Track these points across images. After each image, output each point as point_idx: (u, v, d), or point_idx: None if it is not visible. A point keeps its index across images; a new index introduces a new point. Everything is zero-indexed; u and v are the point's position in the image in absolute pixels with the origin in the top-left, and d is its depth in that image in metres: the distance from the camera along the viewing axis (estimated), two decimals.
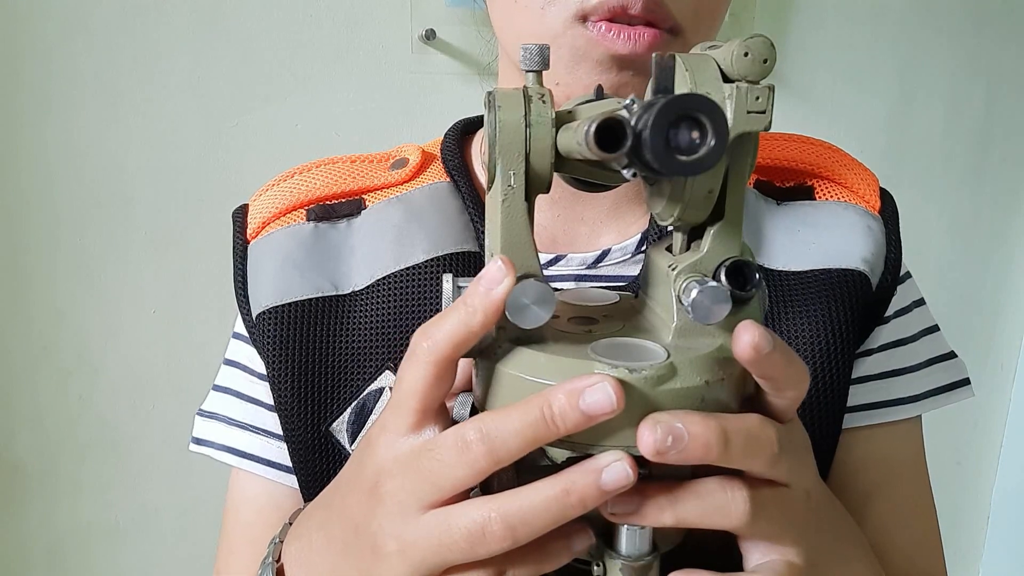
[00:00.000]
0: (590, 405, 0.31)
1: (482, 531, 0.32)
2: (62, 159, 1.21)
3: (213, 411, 0.61)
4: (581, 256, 0.57)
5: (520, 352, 0.34)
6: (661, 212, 0.36)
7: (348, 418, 0.54)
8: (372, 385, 0.54)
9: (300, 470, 0.56)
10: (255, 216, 0.59)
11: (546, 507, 0.32)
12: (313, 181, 0.59)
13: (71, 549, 1.34)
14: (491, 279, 0.33)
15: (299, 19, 1.24)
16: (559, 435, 0.31)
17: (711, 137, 0.26)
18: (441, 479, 0.33)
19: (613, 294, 0.42)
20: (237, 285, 0.58)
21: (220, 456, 0.59)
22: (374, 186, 0.59)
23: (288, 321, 0.55)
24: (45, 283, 1.24)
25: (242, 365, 0.60)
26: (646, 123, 0.25)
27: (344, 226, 0.58)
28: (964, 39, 1.57)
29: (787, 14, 1.47)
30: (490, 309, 0.33)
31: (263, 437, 0.59)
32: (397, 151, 0.63)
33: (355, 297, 0.55)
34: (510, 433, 0.32)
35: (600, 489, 0.31)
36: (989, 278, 1.74)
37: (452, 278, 0.36)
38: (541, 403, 0.31)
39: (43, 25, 1.16)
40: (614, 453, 0.32)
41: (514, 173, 0.34)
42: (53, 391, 1.28)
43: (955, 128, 1.62)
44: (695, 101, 0.26)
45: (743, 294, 0.34)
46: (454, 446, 0.33)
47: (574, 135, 0.30)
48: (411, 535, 0.34)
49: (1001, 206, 1.70)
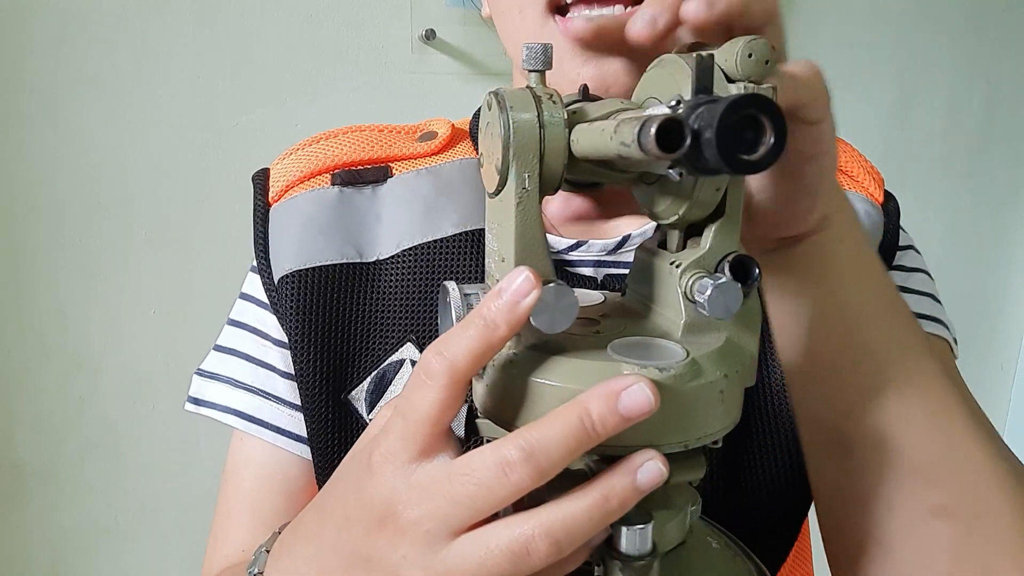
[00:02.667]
0: (628, 407, 0.30)
1: (526, 549, 0.31)
2: (62, 159, 1.21)
3: (215, 372, 0.59)
4: (602, 243, 0.57)
5: (545, 359, 0.33)
6: (663, 211, 0.36)
7: (368, 387, 0.54)
8: (393, 356, 0.53)
9: (315, 438, 0.55)
10: (277, 179, 0.59)
11: (589, 516, 0.31)
12: (339, 147, 0.59)
13: (71, 549, 1.34)
14: (518, 291, 0.31)
15: (299, 19, 1.24)
16: (600, 440, 0.31)
17: (770, 135, 0.26)
18: (479, 502, 0.31)
19: (596, 293, 0.42)
20: (258, 248, 0.57)
21: (223, 418, 0.58)
22: (401, 155, 0.59)
23: (311, 286, 0.54)
24: (45, 283, 1.24)
25: (251, 327, 0.59)
26: (710, 123, 0.25)
27: (370, 192, 0.57)
28: (964, 39, 1.57)
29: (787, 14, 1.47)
30: (515, 324, 0.31)
31: (273, 403, 0.58)
32: (426, 124, 0.62)
33: (380, 266, 0.55)
34: (554, 446, 0.30)
35: (637, 490, 0.31)
36: (989, 278, 1.74)
37: (456, 285, 0.36)
38: (579, 411, 0.30)
39: (43, 25, 1.16)
40: (646, 452, 0.31)
41: (529, 175, 0.34)
42: (53, 391, 1.28)
43: (955, 128, 1.62)
44: (758, 101, 0.26)
45: (746, 287, 0.34)
46: (495, 467, 0.31)
47: (613, 135, 0.29)
48: (443, 564, 0.32)
49: (1001, 206, 1.70)
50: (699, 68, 0.31)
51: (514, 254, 0.35)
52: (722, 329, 0.35)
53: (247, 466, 0.59)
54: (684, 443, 0.33)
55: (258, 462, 0.58)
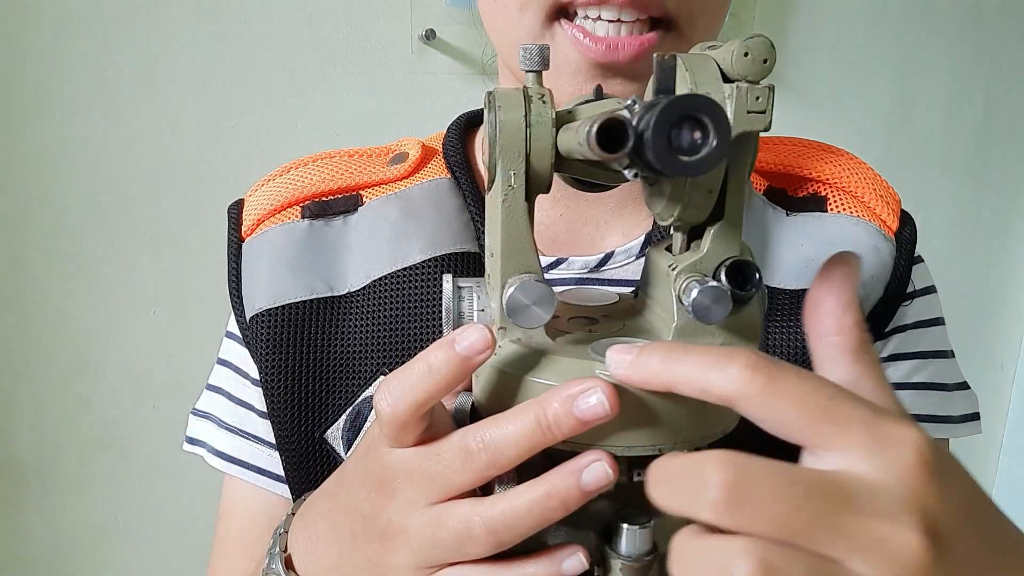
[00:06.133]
0: (584, 411, 0.30)
1: (468, 533, 0.33)
2: (62, 159, 1.21)
3: (206, 411, 0.60)
4: (583, 260, 0.56)
5: (521, 352, 0.34)
6: (661, 212, 0.36)
7: (343, 425, 0.53)
8: (367, 391, 0.52)
9: (293, 478, 0.55)
10: (250, 213, 0.58)
11: (528, 511, 0.32)
12: (309, 176, 0.58)
13: (71, 549, 1.34)
14: (473, 347, 0.32)
15: (299, 19, 1.24)
16: (556, 440, 0.31)
17: (713, 137, 0.26)
18: (448, 482, 0.33)
19: (613, 293, 0.42)
20: (231, 285, 0.56)
21: (211, 460, 0.58)
22: (372, 182, 0.57)
23: (281, 324, 0.53)
24: (46, 283, 1.24)
25: (233, 366, 0.59)
26: (648, 123, 0.25)
27: (340, 223, 0.56)
28: (964, 40, 1.57)
29: (787, 14, 1.47)
30: (463, 376, 0.32)
31: (253, 443, 0.58)
32: (397, 145, 0.61)
33: (350, 298, 0.53)
34: (509, 441, 0.32)
35: (581, 490, 0.32)
36: (989, 278, 1.74)
37: (452, 278, 0.36)
38: (536, 410, 0.31)
39: (43, 25, 1.16)
40: (593, 453, 0.32)
41: (514, 173, 0.34)
42: (53, 391, 1.28)
43: (955, 128, 1.62)
44: (697, 102, 0.26)
45: (743, 294, 0.34)
46: (459, 453, 0.33)
47: (575, 135, 0.30)
48: (413, 528, 0.34)
49: (1001, 206, 1.70)
50: (660, 68, 0.31)
51: (500, 251, 0.35)
52: (716, 336, 0.35)
53: (235, 507, 0.59)
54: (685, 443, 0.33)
55: (244, 503, 0.59)
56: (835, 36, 1.50)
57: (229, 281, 0.57)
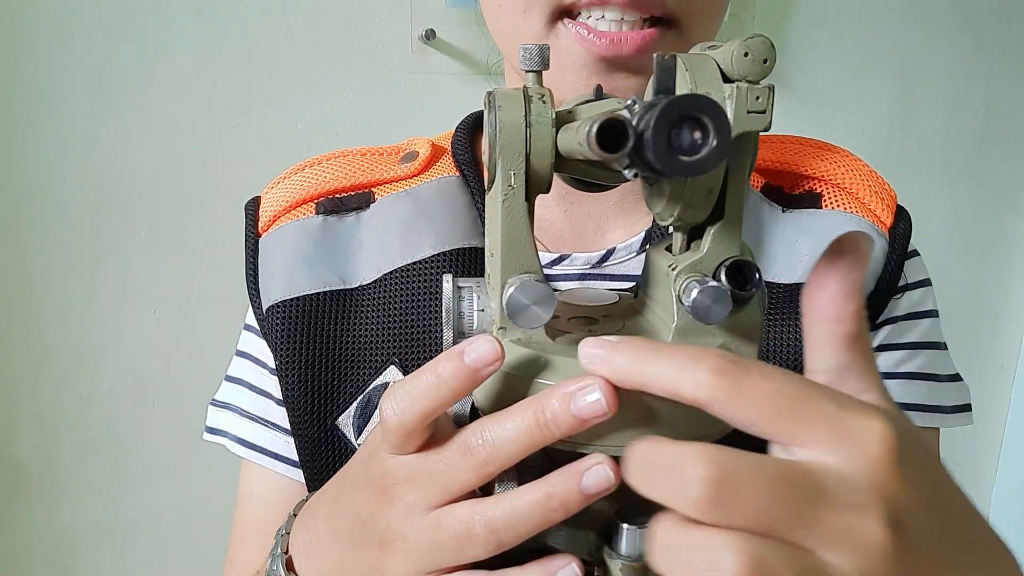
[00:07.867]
0: (582, 409, 0.30)
1: (468, 534, 0.33)
2: (62, 159, 1.21)
3: (227, 401, 0.61)
4: (585, 256, 0.57)
5: (520, 352, 0.34)
6: (661, 212, 0.36)
7: (354, 412, 0.55)
8: (377, 380, 0.54)
9: (307, 464, 0.57)
10: (267, 209, 0.60)
11: (529, 512, 0.32)
12: (323, 174, 0.60)
13: (72, 549, 1.34)
14: (482, 359, 0.32)
15: (299, 19, 1.24)
16: (555, 438, 0.31)
17: (713, 137, 0.26)
18: (449, 482, 0.34)
19: (613, 294, 0.42)
20: (249, 279, 0.58)
21: (233, 448, 0.60)
22: (383, 179, 0.59)
23: (296, 315, 0.55)
24: (46, 283, 1.24)
25: (253, 357, 0.61)
26: (648, 123, 0.25)
27: (352, 219, 0.58)
28: (964, 39, 1.57)
29: (787, 14, 1.47)
30: (471, 387, 0.32)
31: (272, 430, 0.60)
32: (408, 144, 0.63)
33: (362, 291, 0.56)
34: (507, 439, 0.32)
35: (582, 493, 0.32)
36: (989, 278, 1.74)
37: (452, 278, 0.36)
38: (535, 407, 0.31)
39: (43, 25, 1.16)
40: (595, 456, 0.32)
41: (514, 173, 0.34)
42: (54, 391, 1.28)
43: (955, 128, 1.62)
44: (697, 102, 0.26)
45: (743, 294, 0.34)
46: (458, 451, 0.33)
47: (575, 135, 0.30)
48: (413, 533, 0.34)
49: (1001, 206, 1.70)
50: (660, 68, 0.31)
51: (500, 250, 0.35)
52: (716, 336, 0.35)
53: (254, 492, 0.61)
54: None
55: (263, 488, 0.61)
56: (835, 36, 1.50)
57: (247, 275, 0.59)
